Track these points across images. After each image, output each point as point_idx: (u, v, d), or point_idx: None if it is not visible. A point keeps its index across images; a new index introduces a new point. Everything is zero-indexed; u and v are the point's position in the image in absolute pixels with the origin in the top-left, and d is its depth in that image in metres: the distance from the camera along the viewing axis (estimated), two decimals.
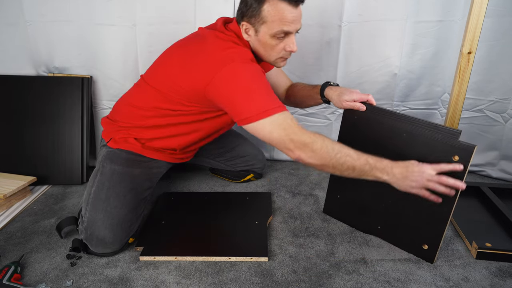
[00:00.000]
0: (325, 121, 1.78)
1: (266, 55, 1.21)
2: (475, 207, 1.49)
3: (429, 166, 1.06)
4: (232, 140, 1.64)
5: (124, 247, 1.26)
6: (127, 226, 1.22)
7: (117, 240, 1.20)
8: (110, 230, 1.18)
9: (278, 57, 1.21)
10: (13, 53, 1.70)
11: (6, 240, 1.31)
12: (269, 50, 1.19)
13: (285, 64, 1.27)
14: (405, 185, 1.08)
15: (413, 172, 1.06)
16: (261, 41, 1.18)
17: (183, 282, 1.13)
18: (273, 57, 1.21)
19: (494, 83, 1.60)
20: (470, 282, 1.13)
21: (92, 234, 1.19)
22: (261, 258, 1.21)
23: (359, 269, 1.18)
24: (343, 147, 1.08)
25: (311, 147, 1.06)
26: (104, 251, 1.21)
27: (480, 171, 1.78)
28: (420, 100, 1.70)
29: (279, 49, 1.19)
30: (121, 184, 1.25)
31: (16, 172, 1.63)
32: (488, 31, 1.49)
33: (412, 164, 1.08)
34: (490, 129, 1.69)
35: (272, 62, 1.24)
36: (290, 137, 1.06)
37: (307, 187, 1.67)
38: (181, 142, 1.34)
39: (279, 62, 1.24)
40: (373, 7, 1.54)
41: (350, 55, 1.62)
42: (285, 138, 1.07)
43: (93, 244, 1.19)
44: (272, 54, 1.20)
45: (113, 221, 1.19)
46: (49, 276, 1.15)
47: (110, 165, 1.27)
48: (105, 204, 1.21)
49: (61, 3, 1.60)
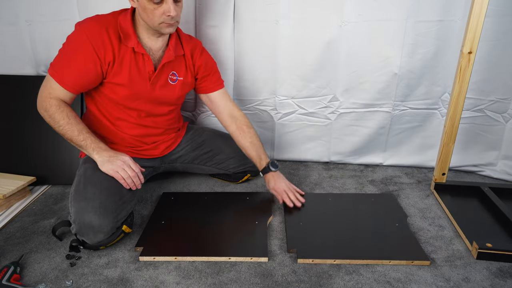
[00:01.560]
0: (325, 121, 1.78)
1: (149, 20, 1.24)
2: (476, 207, 1.49)
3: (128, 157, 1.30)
4: (218, 141, 1.63)
5: (126, 248, 1.26)
6: (111, 209, 1.22)
7: (104, 222, 1.20)
8: (93, 213, 1.19)
9: (160, 22, 1.23)
10: (13, 53, 1.70)
11: (5, 240, 1.31)
12: (150, 14, 1.22)
13: (171, 30, 1.27)
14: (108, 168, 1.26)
15: (115, 158, 1.27)
16: (141, 6, 1.22)
17: (183, 282, 1.13)
18: (155, 22, 1.23)
19: (494, 83, 1.60)
20: (470, 282, 1.13)
21: (80, 223, 1.20)
22: (261, 258, 1.20)
23: (359, 269, 1.18)
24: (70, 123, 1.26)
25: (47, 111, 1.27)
26: (96, 239, 1.20)
27: (480, 171, 1.77)
28: (420, 100, 1.70)
29: (159, 13, 1.21)
30: (95, 174, 1.28)
31: (16, 172, 1.63)
32: (488, 31, 1.48)
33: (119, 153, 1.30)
34: (490, 129, 1.69)
35: (156, 28, 1.25)
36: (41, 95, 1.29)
37: (307, 187, 1.67)
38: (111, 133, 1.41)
39: (163, 28, 1.25)
40: (373, 7, 1.54)
41: (350, 55, 1.62)
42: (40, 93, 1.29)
43: (84, 233, 1.20)
44: (154, 19, 1.23)
45: (94, 204, 1.21)
46: (48, 277, 1.15)
47: (84, 166, 1.34)
48: (84, 193, 1.24)
49: (61, 3, 1.60)
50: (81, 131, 1.27)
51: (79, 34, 1.24)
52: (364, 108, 1.73)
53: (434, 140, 1.76)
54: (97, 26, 1.25)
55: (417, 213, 1.47)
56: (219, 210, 1.45)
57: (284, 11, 1.57)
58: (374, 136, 1.78)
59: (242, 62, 1.69)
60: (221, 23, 1.60)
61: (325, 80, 1.69)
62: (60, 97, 1.27)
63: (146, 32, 1.30)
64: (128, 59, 1.29)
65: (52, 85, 1.26)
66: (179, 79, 1.41)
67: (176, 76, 1.40)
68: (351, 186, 1.69)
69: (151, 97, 1.37)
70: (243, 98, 1.77)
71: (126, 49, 1.28)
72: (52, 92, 1.27)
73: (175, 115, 1.53)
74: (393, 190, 1.65)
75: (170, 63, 1.36)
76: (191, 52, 1.42)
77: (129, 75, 1.30)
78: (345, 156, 1.86)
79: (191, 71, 1.44)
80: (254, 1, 1.57)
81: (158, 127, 1.47)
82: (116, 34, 1.26)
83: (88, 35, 1.23)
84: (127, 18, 1.28)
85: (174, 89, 1.41)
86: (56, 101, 1.27)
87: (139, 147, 1.46)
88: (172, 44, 1.35)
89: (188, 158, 1.59)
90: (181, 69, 1.41)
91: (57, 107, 1.26)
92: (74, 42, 1.25)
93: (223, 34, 1.62)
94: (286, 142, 1.86)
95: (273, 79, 1.70)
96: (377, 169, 1.83)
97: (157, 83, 1.36)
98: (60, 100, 1.27)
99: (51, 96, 1.27)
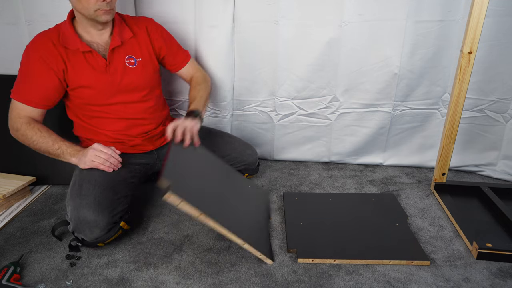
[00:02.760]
0: (325, 121, 1.78)
1: (84, 9, 1.23)
2: (476, 207, 1.49)
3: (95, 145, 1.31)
4: (214, 139, 1.62)
5: (126, 248, 1.26)
6: (106, 204, 1.23)
7: (100, 217, 1.20)
8: (88, 208, 1.20)
9: (95, 9, 1.23)
10: (13, 53, 1.69)
11: (5, 241, 1.31)
12: (85, 2, 1.22)
13: (108, 18, 1.27)
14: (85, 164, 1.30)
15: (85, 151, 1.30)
16: None
17: (183, 282, 1.13)
18: (91, 9, 1.23)
19: (494, 83, 1.60)
20: (470, 282, 1.13)
21: (76, 220, 1.21)
22: (267, 260, 1.20)
23: (359, 269, 1.18)
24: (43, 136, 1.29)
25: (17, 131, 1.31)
26: (93, 235, 1.21)
27: (480, 171, 1.77)
28: (420, 100, 1.69)
29: (94, 0, 1.21)
30: (89, 173, 1.30)
31: (16, 172, 1.63)
32: (488, 31, 1.48)
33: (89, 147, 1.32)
34: (490, 129, 1.69)
35: (93, 16, 1.25)
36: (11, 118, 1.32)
37: (307, 187, 1.67)
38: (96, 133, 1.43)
39: (100, 15, 1.25)
40: (373, 7, 1.54)
41: (350, 55, 1.62)
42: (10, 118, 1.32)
43: (81, 229, 1.21)
44: (89, 7, 1.22)
45: (89, 200, 1.22)
46: (48, 277, 1.15)
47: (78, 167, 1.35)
48: (79, 190, 1.26)
49: (61, 3, 1.60)
50: (55, 141, 1.30)
51: (28, 52, 1.29)
52: (364, 108, 1.73)
53: (434, 140, 1.76)
54: (41, 40, 1.29)
55: (417, 213, 1.47)
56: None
57: (284, 11, 1.57)
58: (374, 136, 1.78)
59: (241, 62, 1.69)
60: (221, 23, 1.60)
61: (325, 80, 1.69)
62: (29, 115, 1.31)
63: (86, 28, 1.31)
64: (79, 61, 1.30)
65: (18, 106, 1.30)
66: (138, 60, 1.40)
67: (134, 59, 1.39)
68: (351, 186, 1.69)
69: (117, 87, 1.37)
70: (243, 98, 1.77)
71: (74, 52, 1.30)
72: (21, 112, 1.30)
73: (154, 103, 1.48)
74: (393, 190, 1.65)
75: (120, 48, 1.35)
76: (146, 31, 1.43)
77: (86, 75, 1.32)
78: (345, 156, 1.86)
79: (149, 49, 1.42)
80: (254, 1, 1.57)
81: (139, 117, 1.45)
82: (59, 42, 1.29)
83: (36, 51, 1.28)
84: (66, 22, 1.32)
85: (136, 72, 1.39)
86: (26, 119, 1.30)
87: (127, 141, 1.45)
88: (116, 31, 1.34)
89: None
90: (136, 50, 1.40)
91: (27, 124, 1.29)
92: (27, 61, 1.30)
93: (223, 34, 1.62)
94: (286, 143, 1.86)
95: (273, 79, 1.70)
96: (377, 169, 1.83)
97: (116, 72, 1.35)
98: (29, 117, 1.30)
99: (20, 115, 1.30)
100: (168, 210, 1.49)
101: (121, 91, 1.38)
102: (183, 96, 1.78)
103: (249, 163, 1.62)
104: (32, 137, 1.29)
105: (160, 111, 1.52)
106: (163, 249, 1.28)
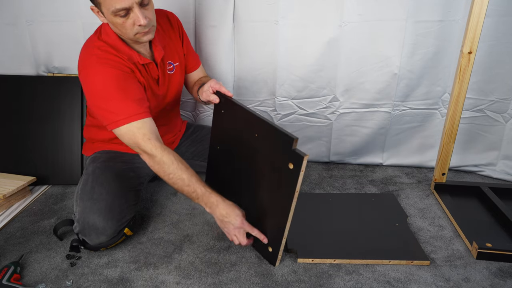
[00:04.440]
0: (326, 121, 1.78)
1: (123, 33, 1.16)
2: (475, 207, 1.49)
3: (240, 221, 1.17)
4: None
5: (126, 248, 1.26)
6: (116, 212, 1.22)
7: (108, 225, 1.20)
8: (98, 214, 1.19)
9: (135, 33, 1.15)
10: (13, 53, 1.70)
11: (5, 240, 1.31)
12: (121, 28, 1.14)
13: (150, 37, 1.19)
14: (221, 226, 1.22)
15: (228, 223, 1.18)
16: (110, 21, 1.14)
17: (183, 282, 1.13)
18: (130, 34, 1.15)
19: (494, 83, 1.60)
20: (470, 282, 1.13)
21: (84, 223, 1.19)
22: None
23: (359, 269, 1.18)
24: (179, 170, 1.15)
25: (152, 157, 1.16)
26: (99, 240, 1.20)
27: (480, 171, 1.77)
28: (420, 100, 1.69)
29: (130, 25, 1.12)
30: (103, 175, 1.27)
31: (16, 172, 1.63)
32: (488, 31, 1.48)
33: (232, 211, 1.17)
34: (490, 129, 1.69)
35: (133, 39, 1.17)
36: (137, 143, 1.16)
37: (307, 187, 1.67)
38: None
39: (140, 37, 1.17)
40: (373, 7, 1.53)
41: (350, 55, 1.62)
42: (133, 144, 1.17)
43: (87, 234, 1.20)
44: (127, 32, 1.15)
45: (100, 206, 1.21)
46: (48, 276, 1.15)
47: (92, 165, 1.33)
48: (91, 193, 1.23)
49: (61, 3, 1.60)
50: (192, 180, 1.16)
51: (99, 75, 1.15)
52: (364, 108, 1.73)
53: (434, 140, 1.76)
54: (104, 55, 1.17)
55: (417, 213, 1.47)
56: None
57: (284, 11, 1.57)
58: (374, 136, 1.78)
59: (242, 62, 1.69)
60: (221, 23, 1.60)
61: (325, 80, 1.69)
62: (153, 130, 1.17)
63: (130, 43, 1.23)
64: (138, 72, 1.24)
65: (131, 130, 1.14)
66: (176, 65, 1.37)
67: (172, 64, 1.36)
68: (351, 186, 1.69)
69: (163, 97, 1.36)
70: (243, 98, 1.77)
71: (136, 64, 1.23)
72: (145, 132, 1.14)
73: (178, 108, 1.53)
74: (393, 190, 1.65)
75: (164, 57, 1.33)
76: (179, 30, 1.38)
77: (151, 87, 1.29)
78: (345, 156, 1.86)
79: (180, 50, 1.39)
80: (254, 1, 1.57)
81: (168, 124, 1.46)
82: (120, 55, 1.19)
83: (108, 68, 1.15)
84: (111, 38, 1.19)
85: (175, 77, 1.38)
86: (154, 135, 1.16)
87: None
88: (157, 39, 1.27)
89: (188, 154, 1.58)
90: (174, 54, 1.36)
91: (160, 144, 1.16)
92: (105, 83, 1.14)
93: (223, 34, 1.62)
94: None
95: (273, 79, 1.70)
96: (377, 169, 1.83)
97: (164, 82, 1.34)
98: (155, 134, 1.17)
99: (145, 137, 1.14)
100: (168, 210, 1.49)
101: (164, 100, 1.36)
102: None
103: None
104: (169, 169, 1.15)
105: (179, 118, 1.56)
106: (163, 249, 1.28)
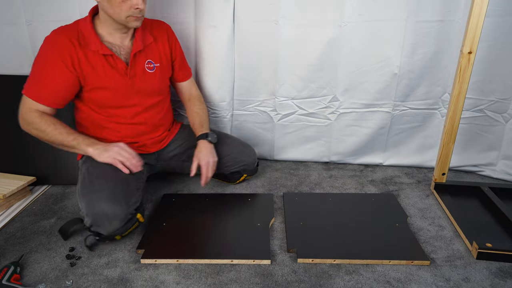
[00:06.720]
0: (326, 121, 1.78)
1: (115, 14, 1.23)
2: (475, 207, 1.49)
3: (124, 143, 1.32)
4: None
5: (126, 248, 1.25)
6: (121, 196, 1.24)
7: (118, 209, 1.21)
8: (105, 201, 1.21)
9: (127, 16, 1.24)
10: (13, 53, 1.70)
11: (5, 240, 1.31)
12: (117, 8, 1.22)
13: (138, 24, 1.28)
14: (104, 158, 1.28)
15: (111, 147, 1.29)
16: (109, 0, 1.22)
17: (183, 282, 1.13)
18: (122, 16, 1.23)
19: (494, 83, 1.60)
20: (470, 282, 1.13)
21: (93, 214, 1.21)
22: (263, 261, 1.20)
23: (359, 269, 1.18)
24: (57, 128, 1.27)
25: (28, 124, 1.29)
26: (113, 227, 1.22)
27: (480, 171, 1.77)
28: (420, 100, 1.70)
29: (127, 7, 1.22)
30: (98, 169, 1.30)
31: (16, 172, 1.63)
32: (488, 31, 1.48)
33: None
34: (490, 129, 1.69)
35: (123, 22, 1.25)
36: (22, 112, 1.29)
37: (307, 187, 1.67)
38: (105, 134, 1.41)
39: (131, 22, 1.26)
40: (373, 7, 1.54)
41: (350, 55, 1.62)
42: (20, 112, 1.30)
43: (100, 223, 1.21)
44: (121, 13, 1.23)
45: (104, 194, 1.23)
46: (48, 277, 1.15)
47: (85, 165, 1.35)
48: (91, 186, 1.26)
49: (61, 3, 1.60)
50: (69, 133, 1.28)
51: (45, 49, 1.27)
52: (364, 108, 1.73)
53: (434, 140, 1.76)
54: (60, 38, 1.26)
55: (417, 213, 1.47)
56: (220, 212, 1.45)
57: (284, 11, 1.57)
58: (374, 136, 1.78)
59: (242, 62, 1.69)
60: (221, 23, 1.60)
61: (325, 80, 1.69)
62: (41, 110, 1.29)
63: (109, 30, 1.30)
64: (99, 62, 1.29)
65: (29, 102, 1.28)
66: (156, 65, 1.41)
67: (153, 64, 1.40)
68: (351, 186, 1.69)
69: (135, 90, 1.37)
70: (243, 98, 1.77)
71: (93, 53, 1.28)
72: (32, 107, 1.28)
73: (167, 108, 1.53)
74: (393, 190, 1.65)
75: (141, 52, 1.36)
76: (167, 36, 1.45)
77: (106, 77, 1.31)
78: (345, 156, 1.86)
79: (166, 55, 1.45)
80: (254, 1, 1.57)
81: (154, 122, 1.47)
82: (79, 41, 1.27)
83: (54, 49, 1.26)
84: (86, 21, 1.29)
85: (154, 77, 1.41)
86: (37, 112, 1.28)
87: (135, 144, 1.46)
88: (138, 35, 1.34)
89: (184, 156, 1.58)
90: (155, 55, 1.41)
91: (40, 117, 1.27)
92: (43, 58, 1.27)
93: (223, 34, 1.62)
94: (286, 143, 1.86)
95: (273, 79, 1.70)
96: (377, 169, 1.83)
97: (136, 75, 1.36)
98: (40, 112, 1.28)
99: (31, 110, 1.28)
100: None
101: (138, 94, 1.39)
102: None
103: (248, 164, 1.61)
104: (45, 130, 1.27)
105: (170, 117, 1.56)
106: None
